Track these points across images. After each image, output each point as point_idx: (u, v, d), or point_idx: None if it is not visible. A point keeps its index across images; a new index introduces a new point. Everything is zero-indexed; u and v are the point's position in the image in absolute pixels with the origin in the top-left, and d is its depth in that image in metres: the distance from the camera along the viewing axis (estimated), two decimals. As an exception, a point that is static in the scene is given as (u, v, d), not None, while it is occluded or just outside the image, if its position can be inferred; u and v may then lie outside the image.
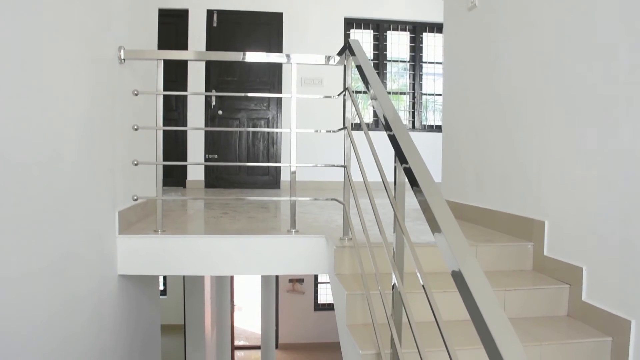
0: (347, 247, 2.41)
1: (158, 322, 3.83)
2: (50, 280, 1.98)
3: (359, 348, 1.85)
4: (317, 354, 10.25)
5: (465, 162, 3.57)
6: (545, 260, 2.54)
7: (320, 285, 10.79)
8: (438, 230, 1.30)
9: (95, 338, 2.44)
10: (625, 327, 2.01)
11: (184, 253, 2.71)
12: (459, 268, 1.15)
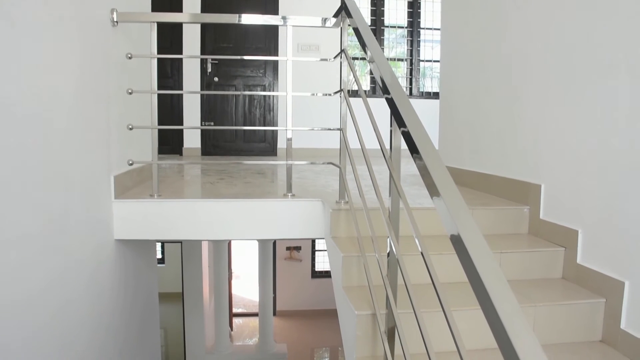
0: (343, 210, 2.41)
1: (156, 288, 3.86)
2: (46, 243, 1.98)
3: (354, 309, 1.86)
4: (314, 321, 10.38)
5: (462, 128, 3.55)
6: (541, 224, 2.55)
7: (317, 252, 10.87)
8: (437, 194, 1.26)
9: (93, 302, 2.45)
10: (619, 288, 2.02)
11: (180, 217, 2.71)
12: (458, 232, 1.13)
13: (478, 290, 1.02)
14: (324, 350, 9.59)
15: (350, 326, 1.94)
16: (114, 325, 2.74)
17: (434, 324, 1.71)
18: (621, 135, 2.06)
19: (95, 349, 2.48)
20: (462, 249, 1.11)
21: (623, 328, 2.00)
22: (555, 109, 2.48)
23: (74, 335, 2.24)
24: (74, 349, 2.23)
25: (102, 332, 2.56)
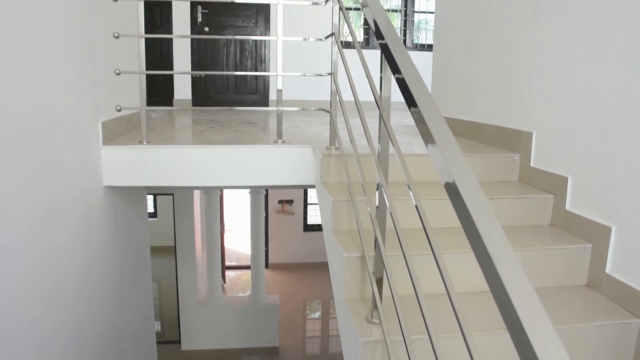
0: (333, 155, 2.40)
1: (147, 238, 3.87)
2: (33, 185, 1.96)
3: (343, 251, 1.87)
4: (306, 274, 10.51)
5: (456, 78, 3.52)
6: (531, 171, 2.55)
7: (309, 206, 10.92)
8: (432, 141, 1.23)
9: (83, 248, 2.46)
10: (606, 234, 2.04)
11: (169, 164, 2.69)
12: (453, 180, 1.10)
13: (473, 239, 1.00)
14: (316, 302, 9.74)
15: (339, 269, 1.95)
16: (105, 272, 2.76)
17: (422, 267, 1.73)
18: (613, 83, 2.05)
19: (87, 295, 2.50)
20: (457, 196, 1.07)
21: (608, 272, 2.03)
22: (548, 57, 2.45)
23: (65, 281, 2.25)
24: (65, 294, 2.25)
25: (93, 279, 2.58)
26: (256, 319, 7.44)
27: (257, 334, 7.49)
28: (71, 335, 2.30)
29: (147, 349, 3.78)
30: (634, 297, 1.88)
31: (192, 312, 7.26)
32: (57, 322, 2.16)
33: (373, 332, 1.64)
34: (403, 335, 1.42)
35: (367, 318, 1.72)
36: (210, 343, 7.41)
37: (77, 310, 2.37)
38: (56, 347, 2.15)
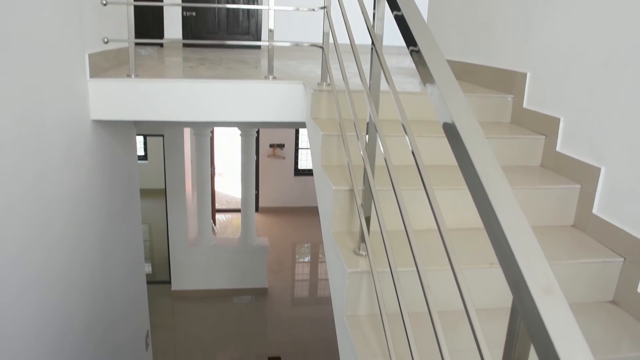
0: (324, 91, 2.37)
1: (136, 175, 3.84)
2: (17, 117, 1.92)
3: (332, 184, 1.87)
4: (296, 218, 10.60)
5: (451, 19, 3.45)
6: (523, 113, 2.53)
7: (300, 150, 10.90)
8: (431, 81, 1.16)
9: (71, 182, 2.44)
10: (595, 175, 2.04)
11: (158, 98, 2.65)
12: (452, 120, 1.05)
13: (471, 181, 0.96)
14: (306, 246, 9.86)
15: (328, 202, 1.95)
16: (93, 207, 2.75)
17: (410, 203, 1.73)
18: (607, 22, 2.01)
19: (75, 230, 2.50)
20: (457, 138, 1.03)
21: (595, 213, 2.04)
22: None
23: (52, 214, 2.24)
24: (53, 227, 2.24)
25: (81, 212, 2.57)
26: (246, 260, 7.54)
27: (246, 275, 7.61)
28: (61, 269, 2.31)
29: (138, 289, 3.83)
30: (618, 236, 1.91)
31: (182, 254, 7.33)
32: (45, 254, 2.16)
33: (360, 263, 1.66)
34: (390, 266, 1.43)
35: (354, 250, 1.73)
36: (200, 283, 7.52)
37: (65, 243, 2.37)
38: (45, 281, 2.16)
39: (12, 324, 1.89)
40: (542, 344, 0.66)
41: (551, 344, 0.64)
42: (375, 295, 1.53)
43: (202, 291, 7.52)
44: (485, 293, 1.75)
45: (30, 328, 1.99)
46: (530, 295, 0.69)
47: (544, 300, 0.68)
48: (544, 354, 0.66)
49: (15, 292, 1.91)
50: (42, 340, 2.06)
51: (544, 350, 0.66)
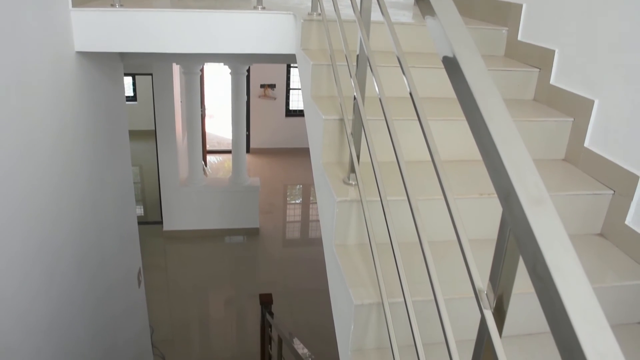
0: (315, 21, 2.30)
1: (124, 110, 3.77)
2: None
3: (322, 114, 1.83)
4: (287, 159, 10.59)
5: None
6: (518, 45, 2.48)
7: (292, 91, 10.77)
8: (432, 13, 1.07)
9: (57, 116, 2.38)
10: (588, 107, 2.02)
11: (144, 28, 2.56)
12: (453, 54, 0.98)
13: (473, 119, 0.90)
14: (297, 187, 9.89)
15: (317, 133, 1.92)
16: (80, 143, 2.71)
17: (401, 135, 1.71)
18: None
19: (61, 163, 2.46)
20: (457, 70, 0.96)
21: (586, 146, 2.03)
22: None
23: (36, 145, 2.19)
24: (36, 159, 2.20)
25: (67, 146, 2.53)
26: (237, 200, 7.56)
27: (238, 215, 7.65)
28: (48, 200, 2.29)
29: (129, 226, 3.83)
30: (609, 169, 1.90)
31: (174, 194, 7.34)
32: (31, 185, 2.13)
33: (349, 192, 1.65)
34: (380, 195, 1.42)
35: (344, 180, 1.72)
36: (191, 224, 7.56)
37: (52, 175, 2.33)
38: (32, 212, 2.13)
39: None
40: (530, 254, 0.65)
41: (540, 254, 0.63)
42: (365, 224, 1.52)
43: (194, 231, 7.57)
44: (473, 223, 1.75)
45: (19, 262, 1.98)
46: (520, 206, 0.67)
47: (534, 211, 0.67)
48: (532, 264, 0.65)
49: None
50: (32, 276, 2.06)
51: (532, 260, 0.65)
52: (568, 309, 0.58)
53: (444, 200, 0.98)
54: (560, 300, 0.59)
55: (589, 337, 0.56)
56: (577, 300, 0.58)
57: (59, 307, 2.23)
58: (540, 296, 0.63)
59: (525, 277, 0.68)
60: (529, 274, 0.66)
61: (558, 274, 0.60)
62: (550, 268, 0.61)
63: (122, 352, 3.44)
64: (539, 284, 0.63)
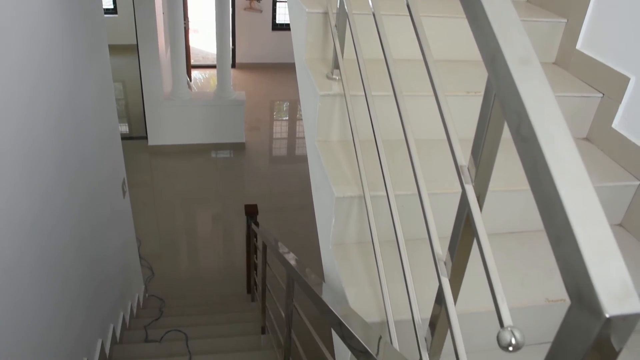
0: None
1: (103, 22, 3.61)
2: None
3: (305, 7, 1.74)
4: (273, 74, 10.40)
5: None
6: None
7: (278, 4, 10.41)
8: None
9: (28, 20, 2.26)
10: (582, 7, 1.94)
11: None
12: None
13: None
14: (285, 104, 9.78)
15: (300, 28, 1.85)
16: (52, 50, 2.58)
17: (392, 28, 1.65)
18: None
19: (36, 57, 2.35)
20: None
21: (578, 48, 1.98)
22: None
23: (9, 44, 2.09)
24: (9, 53, 2.10)
25: (38, 52, 2.41)
26: (222, 114, 7.46)
27: (223, 130, 7.57)
28: (22, 97, 2.20)
29: (110, 132, 3.75)
30: (598, 71, 1.85)
31: (158, 108, 7.21)
32: (5, 81, 2.04)
33: (333, 87, 1.60)
34: (364, 89, 1.38)
35: (327, 75, 1.66)
36: (177, 138, 7.50)
37: (27, 73, 2.24)
38: (6, 106, 2.06)
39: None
40: (515, 115, 0.62)
41: (525, 113, 0.60)
42: (348, 119, 1.49)
43: (180, 146, 7.51)
44: (458, 122, 1.71)
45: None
46: (506, 66, 0.64)
47: (521, 70, 0.63)
48: (517, 125, 0.62)
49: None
50: (10, 172, 2.01)
51: (517, 122, 0.62)
52: (550, 166, 0.55)
53: (428, 98, 0.95)
54: (543, 158, 0.56)
55: (569, 191, 0.54)
56: (560, 157, 0.56)
57: (41, 208, 2.20)
58: (523, 158, 0.61)
59: (505, 175, 0.66)
60: (513, 138, 0.63)
61: (542, 131, 0.58)
62: (535, 126, 0.58)
63: (109, 261, 3.47)
64: (522, 145, 0.61)
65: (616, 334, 0.51)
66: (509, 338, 0.66)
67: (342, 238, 1.47)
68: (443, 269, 0.88)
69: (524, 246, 1.60)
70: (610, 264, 0.51)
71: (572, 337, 0.53)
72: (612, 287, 0.50)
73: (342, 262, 1.41)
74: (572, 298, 0.53)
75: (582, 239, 0.51)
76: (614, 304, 0.49)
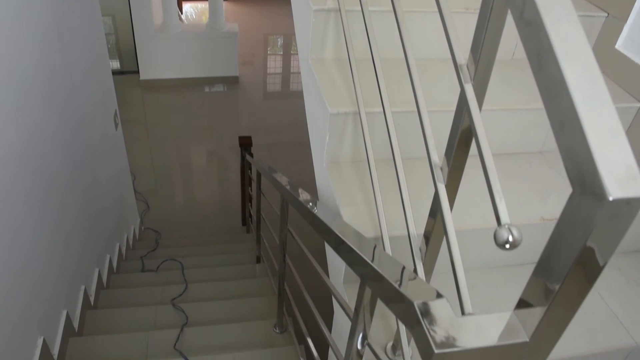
0: None
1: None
2: None
3: None
4: (268, 7, 10.15)
5: None
6: None
7: None
8: None
9: None
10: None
11: None
12: None
13: None
14: (279, 37, 9.57)
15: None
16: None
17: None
18: None
19: None
20: None
21: (583, -34, 1.90)
22: None
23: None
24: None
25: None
26: (215, 47, 7.29)
27: (216, 63, 7.42)
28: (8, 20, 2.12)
29: (102, 73, 3.66)
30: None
31: (149, 42, 7.04)
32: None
33: (327, 1, 1.53)
34: (361, 4, 1.32)
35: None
36: (169, 72, 7.36)
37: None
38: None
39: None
40: (519, 1, 0.59)
41: None
42: (343, 36, 1.44)
43: (172, 80, 7.39)
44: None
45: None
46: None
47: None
48: (520, 10, 0.58)
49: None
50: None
51: (520, 8, 0.58)
52: (555, 47, 0.52)
53: (427, 14, 0.90)
54: (547, 39, 0.53)
55: (574, 72, 0.51)
56: (565, 37, 0.53)
57: (28, 132, 2.15)
58: (527, 44, 0.58)
59: (503, 96, 0.62)
60: (517, 24, 0.60)
61: (546, 11, 0.54)
62: (539, 7, 0.55)
63: (103, 191, 3.46)
64: (526, 30, 0.58)
65: (618, 220, 0.49)
66: (506, 235, 0.65)
67: (336, 156, 1.45)
68: (439, 175, 0.86)
69: (521, 167, 1.58)
70: (615, 147, 0.49)
71: (572, 226, 0.51)
72: (617, 171, 0.48)
73: (336, 181, 1.40)
74: (574, 185, 0.51)
75: (586, 122, 0.49)
76: (618, 187, 0.47)
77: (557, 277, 0.55)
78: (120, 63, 8.21)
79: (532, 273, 0.60)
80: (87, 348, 2.52)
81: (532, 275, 0.60)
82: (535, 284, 0.59)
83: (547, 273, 0.57)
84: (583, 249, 0.51)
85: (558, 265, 0.54)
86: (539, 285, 0.58)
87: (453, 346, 0.58)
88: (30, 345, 2.12)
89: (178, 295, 3.02)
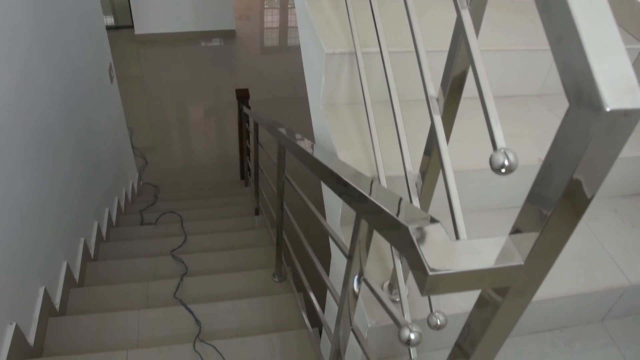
0: None
1: None
2: None
3: None
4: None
5: None
6: None
7: None
8: None
9: None
10: None
11: None
12: None
13: None
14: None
15: None
16: None
17: None
18: None
19: None
20: None
21: None
22: None
23: None
24: None
25: None
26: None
27: (212, 15, 7.29)
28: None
29: (94, 22, 3.59)
30: None
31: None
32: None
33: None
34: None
35: None
36: (164, 26, 7.24)
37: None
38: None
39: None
40: None
41: None
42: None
43: (168, 34, 7.27)
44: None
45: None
46: None
47: None
48: None
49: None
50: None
51: None
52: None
53: None
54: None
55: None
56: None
57: (20, 81, 2.12)
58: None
59: (502, 37, 0.60)
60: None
61: None
62: None
63: (99, 143, 3.44)
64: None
65: (616, 134, 0.48)
66: (502, 160, 0.64)
67: (332, 98, 1.43)
68: (435, 107, 0.84)
69: (519, 109, 1.57)
70: (613, 58, 0.47)
71: (569, 140, 0.50)
72: (615, 81, 0.46)
73: (333, 123, 1.38)
74: (571, 99, 0.49)
75: (584, 33, 0.48)
76: (615, 98, 0.45)
77: (551, 200, 0.54)
78: (114, 18, 8.06)
79: (526, 199, 0.59)
80: (88, 298, 2.55)
81: (525, 201, 0.59)
82: (529, 209, 0.59)
83: (540, 197, 0.56)
84: (578, 165, 0.50)
85: (552, 187, 0.53)
86: (533, 210, 0.58)
87: (447, 268, 0.58)
88: (32, 294, 2.15)
89: (177, 247, 3.04)
